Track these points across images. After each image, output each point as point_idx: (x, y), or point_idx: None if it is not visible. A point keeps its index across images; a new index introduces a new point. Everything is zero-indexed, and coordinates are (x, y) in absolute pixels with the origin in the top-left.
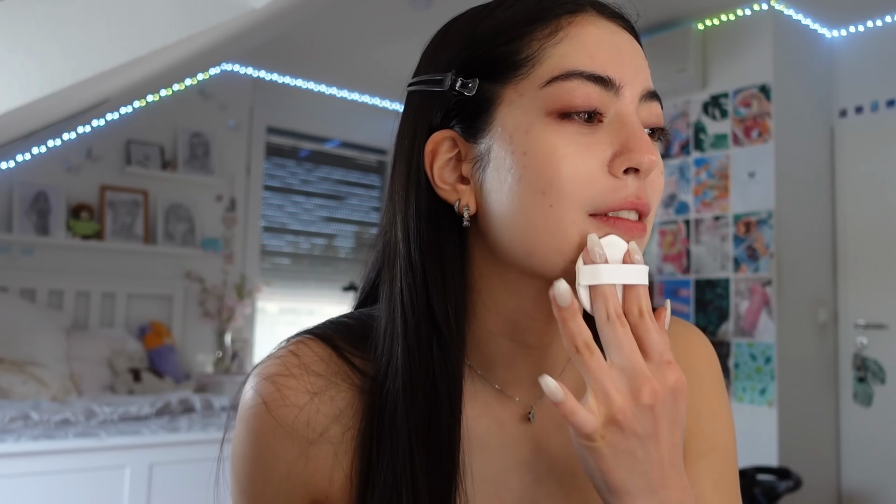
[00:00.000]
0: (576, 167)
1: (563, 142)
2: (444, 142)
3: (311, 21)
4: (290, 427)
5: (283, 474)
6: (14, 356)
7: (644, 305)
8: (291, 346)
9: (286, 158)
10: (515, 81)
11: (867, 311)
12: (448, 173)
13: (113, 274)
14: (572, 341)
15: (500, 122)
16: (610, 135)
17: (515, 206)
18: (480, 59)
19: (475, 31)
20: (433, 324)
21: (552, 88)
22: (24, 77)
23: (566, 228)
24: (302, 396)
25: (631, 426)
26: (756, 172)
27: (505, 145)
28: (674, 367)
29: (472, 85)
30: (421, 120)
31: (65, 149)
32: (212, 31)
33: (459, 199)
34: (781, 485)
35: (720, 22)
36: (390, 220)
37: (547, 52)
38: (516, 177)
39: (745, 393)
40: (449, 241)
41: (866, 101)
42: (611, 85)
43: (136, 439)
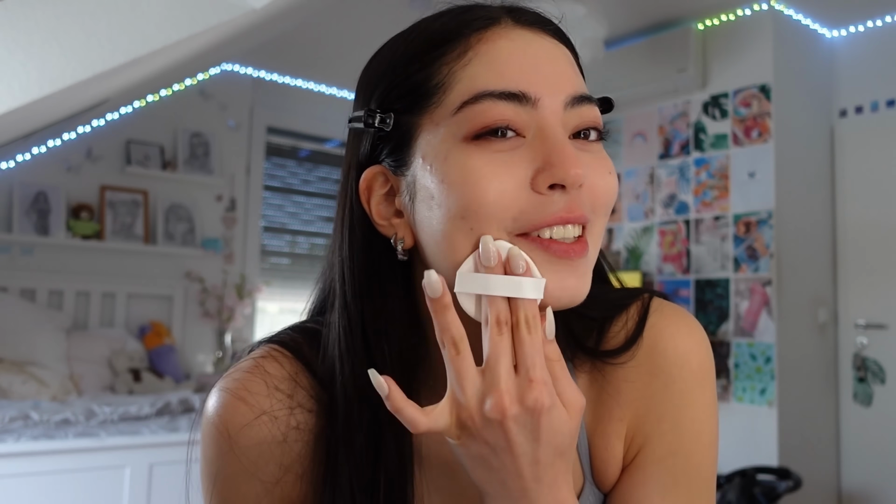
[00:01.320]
0: (494, 188)
1: (480, 163)
2: (378, 177)
3: (311, 21)
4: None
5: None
6: (14, 356)
7: (528, 316)
8: (254, 357)
9: (286, 158)
10: (430, 110)
11: (867, 311)
12: (385, 208)
13: (113, 274)
14: (441, 335)
15: (420, 152)
16: (532, 151)
17: (441, 233)
18: (397, 90)
19: (392, 62)
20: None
21: (464, 113)
22: (24, 77)
23: None
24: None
25: (480, 434)
26: (756, 172)
27: (426, 175)
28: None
29: (389, 120)
30: (354, 156)
31: (65, 149)
32: (212, 31)
33: (396, 233)
34: (781, 485)
35: (720, 22)
36: (330, 260)
37: (457, 76)
38: (438, 204)
39: (745, 393)
40: (389, 277)
41: (866, 101)
42: (525, 99)
43: (136, 439)
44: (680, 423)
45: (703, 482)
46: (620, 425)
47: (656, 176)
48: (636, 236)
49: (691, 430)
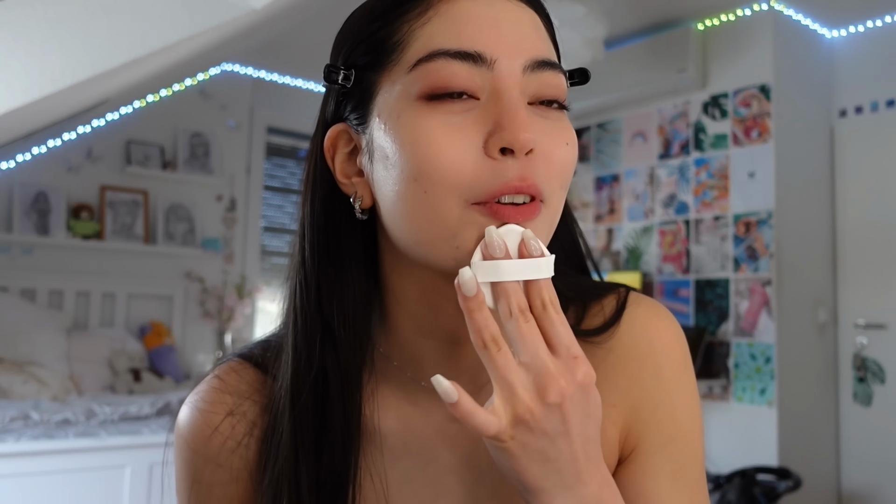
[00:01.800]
0: (446, 151)
1: (431, 124)
2: (342, 135)
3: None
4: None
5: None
6: (14, 356)
7: (547, 298)
8: (217, 371)
9: (286, 158)
10: (389, 68)
11: (867, 311)
12: (348, 167)
13: (113, 274)
14: (479, 335)
15: (377, 110)
16: (485, 113)
17: (396, 195)
18: (360, 47)
19: (358, 19)
20: (324, 324)
21: (418, 71)
22: (24, 77)
23: (445, 216)
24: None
25: (540, 425)
26: (756, 172)
27: (381, 134)
28: (581, 362)
29: (350, 77)
30: (321, 115)
31: (65, 149)
32: (212, 31)
33: (356, 192)
34: (781, 485)
35: (720, 22)
36: (297, 217)
37: (416, 34)
38: (391, 164)
39: (745, 393)
40: (349, 236)
41: (866, 101)
42: (481, 60)
43: (136, 439)
44: (674, 410)
45: (700, 464)
46: (613, 410)
47: (656, 176)
48: (636, 236)
49: (685, 416)
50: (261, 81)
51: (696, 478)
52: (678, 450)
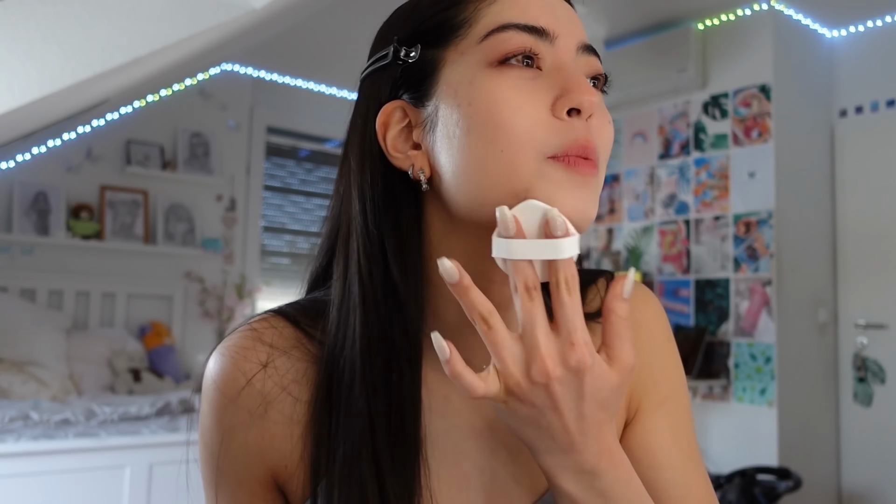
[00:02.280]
0: (521, 111)
1: (504, 86)
2: (395, 112)
3: (311, 21)
4: (243, 398)
5: (239, 444)
6: (14, 356)
7: (562, 279)
8: (250, 323)
9: (286, 158)
10: (455, 42)
11: (867, 311)
12: (401, 143)
13: (113, 274)
14: (470, 314)
15: (443, 81)
16: (550, 80)
17: (467, 157)
18: (421, 28)
19: (415, 7)
20: (391, 292)
21: (489, 41)
22: (24, 77)
23: (521, 171)
24: (254, 367)
25: (528, 398)
26: (756, 172)
27: (450, 101)
28: (577, 349)
29: (414, 52)
30: (372, 97)
31: (65, 149)
32: (212, 31)
33: (413, 165)
34: (781, 485)
35: (720, 22)
36: (346, 197)
37: (482, 13)
38: (464, 129)
39: (745, 393)
40: (405, 209)
41: (866, 101)
42: (545, 34)
43: (136, 439)
44: (667, 371)
45: (690, 420)
46: None
47: (656, 176)
48: (636, 236)
49: (676, 376)
50: (261, 81)
51: (690, 430)
52: (674, 407)
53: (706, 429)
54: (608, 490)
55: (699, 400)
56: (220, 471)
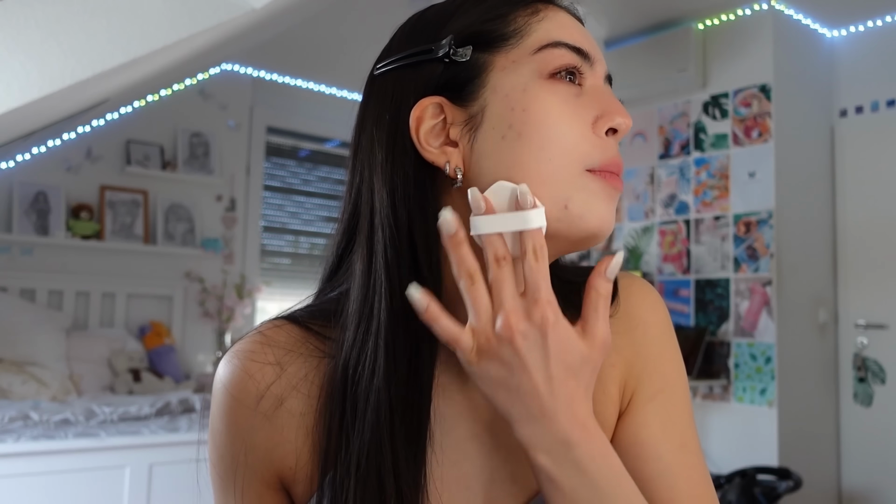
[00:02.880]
0: (570, 125)
1: (556, 99)
2: (430, 107)
3: (311, 21)
4: (252, 400)
5: (249, 447)
6: (14, 356)
7: (529, 246)
8: (259, 328)
9: (286, 158)
10: (506, 50)
11: (867, 311)
12: (433, 138)
13: (113, 274)
14: (458, 268)
15: (493, 85)
16: (590, 99)
17: (514, 161)
18: (471, 30)
19: (463, 10)
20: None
21: (543, 54)
22: (24, 77)
23: (562, 179)
24: (263, 370)
25: (496, 353)
26: (756, 172)
27: (502, 105)
28: (541, 305)
29: (465, 53)
30: (404, 91)
31: (65, 149)
32: (212, 31)
33: (449, 161)
34: (781, 485)
35: (720, 22)
36: (367, 191)
37: (532, 27)
38: (516, 133)
39: (745, 393)
40: (433, 202)
41: (866, 101)
42: (587, 57)
43: (136, 439)
44: (661, 363)
45: (688, 412)
46: (613, 371)
47: (656, 176)
48: (636, 236)
49: (671, 368)
50: (261, 81)
51: (686, 423)
52: (667, 399)
53: (706, 429)
54: (584, 463)
55: (699, 400)
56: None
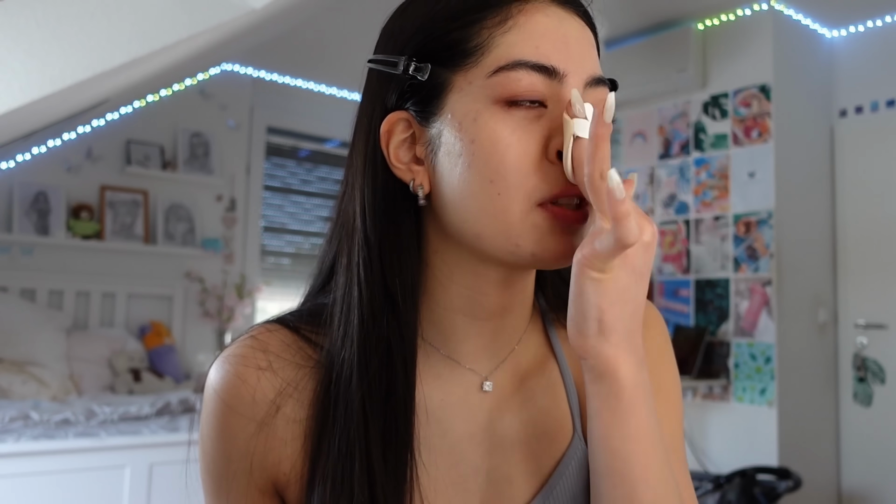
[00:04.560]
0: (520, 156)
1: (508, 129)
2: (400, 122)
3: (311, 21)
4: (246, 406)
5: (241, 452)
6: (14, 356)
7: None
8: (250, 332)
9: (286, 158)
10: (465, 69)
11: (867, 311)
12: (403, 153)
13: (113, 274)
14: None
15: (450, 108)
16: (550, 120)
17: (465, 191)
18: (433, 43)
19: (431, 14)
20: (388, 296)
21: (499, 77)
22: (24, 77)
23: (512, 215)
24: (255, 375)
25: (633, 261)
26: (756, 172)
27: (454, 132)
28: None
29: (425, 72)
30: (378, 99)
31: (65, 149)
32: (212, 31)
33: (414, 179)
34: (781, 485)
35: (720, 22)
36: (349, 194)
37: (496, 41)
38: (465, 164)
39: (745, 393)
40: (405, 217)
41: (866, 101)
42: (555, 74)
43: (136, 439)
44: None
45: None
46: None
47: (656, 176)
48: None
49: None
50: (261, 81)
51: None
52: (661, 402)
53: (706, 429)
54: (647, 384)
55: (699, 400)
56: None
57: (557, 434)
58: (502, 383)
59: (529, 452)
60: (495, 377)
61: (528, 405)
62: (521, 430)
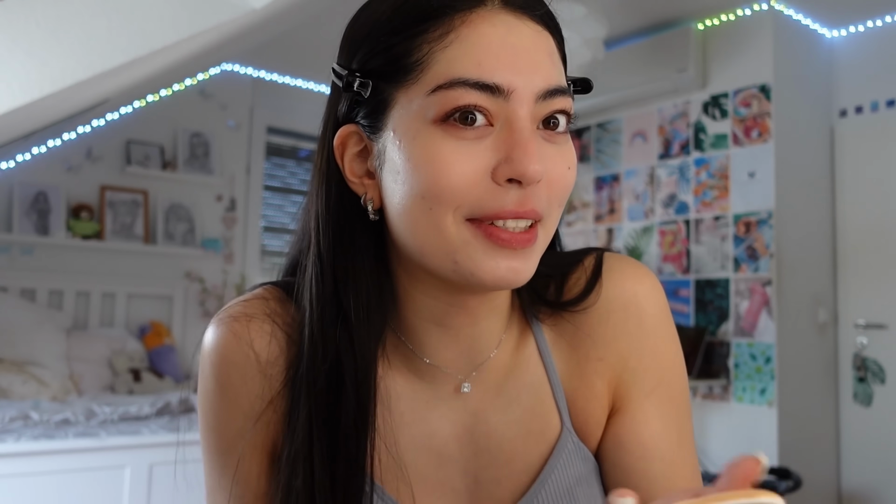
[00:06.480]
0: (455, 173)
1: (446, 149)
2: (352, 135)
3: (311, 21)
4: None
5: (247, 410)
6: (14, 356)
7: None
8: (259, 291)
9: (286, 158)
10: (406, 86)
11: (867, 311)
12: (357, 166)
13: (113, 274)
14: None
15: (392, 124)
16: (497, 141)
17: (403, 208)
18: (377, 58)
19: (376, 26)
20: (341, 312)
21: (437, 96)
22: (24, 77)
23: (445, 232)
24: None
25: None
26: (756, 172)
27: (395, 149)
28: None
29: (367, 87)
30: (332, 111)
31: (65, 149)
32: (212, 31)
33: (366, 193)
34: (781, 485)
35: (720, 22)
36: (308, 205)
37: (435, 57)
38: (402, 180)
39: (745, 393)
40: (360, 231)
41: (866, 101)
42: (498, 91)
43: (136, 439)
44: (659, 355)
45: (686, 403)
46: (601, 364)
47: (656, 176)
48: (636, 236)
49: (669, 360)
50: (261, 81)
51: (685, 414)
52: (665, 393)
53: (706, 429)
54: None
55: (699, 400)
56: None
57: (544, 431)
58: (483, 385)
59: (515, 452)
60: (474, 379)
61: (512, 406)
62: (507, 430)
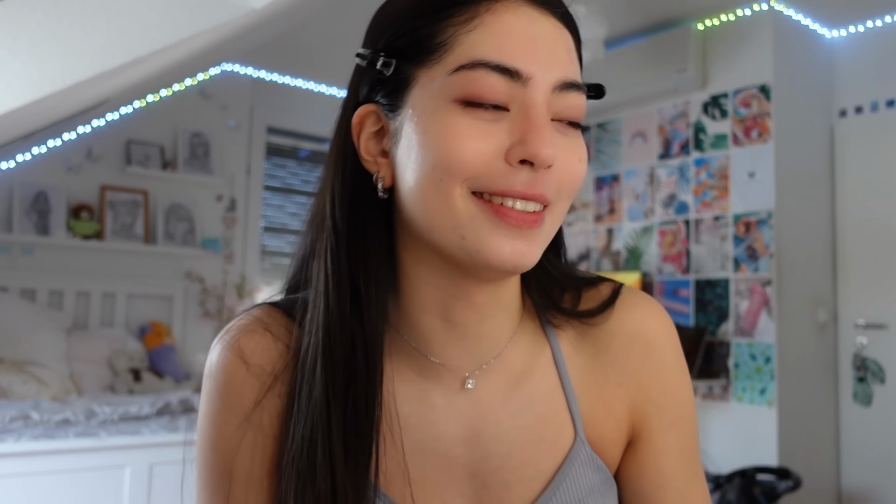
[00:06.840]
0: (469, 148)
1: (462, 124)
2: (370, 115)
3: (311, 21)
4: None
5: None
6: (14, 356)
7: None
8: (255, 311)
9: (286, 158)
10: (429, 65)
11: (867, 311)
12: (373, 145)
13: (113, 274)
14: None
15: (411, 102)
16: (512, 125)
17: (415, 181)
18: (402, 39)
19: (404, 10)
20: (354, 286)
21: (459, 76)
22: (24, 77)
23: (453, 205)
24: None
25: None
26: (756, 172)
27: (412, 125)
28: None
29: (390, 66)
30: (353, 92)
31: (65, 149)
32: (212, 31)
33: (378, 172)
34: (781, 485)
35: (720, 22)
36: (323, 184)
37: (459, 39)
38: (416, 154)
39: (745, 393)
40: (372, 210)
41: (866, 101)
42: (517, 76)
43: (136, 439)
44: (679, 392)
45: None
46: (620, 390)
47: (656, 176)
48: (636, 236)
49: (687, 397)
50: (261, 81)
51: (696, 449)
52: (684, 428)
53: (706, 429)
54: None
55: (699, 400)
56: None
57: (557, 439)
58: (492, 385)
59: (526, 458)
60: (480, 376)
61: (524, 411)
62: (518, 435)
